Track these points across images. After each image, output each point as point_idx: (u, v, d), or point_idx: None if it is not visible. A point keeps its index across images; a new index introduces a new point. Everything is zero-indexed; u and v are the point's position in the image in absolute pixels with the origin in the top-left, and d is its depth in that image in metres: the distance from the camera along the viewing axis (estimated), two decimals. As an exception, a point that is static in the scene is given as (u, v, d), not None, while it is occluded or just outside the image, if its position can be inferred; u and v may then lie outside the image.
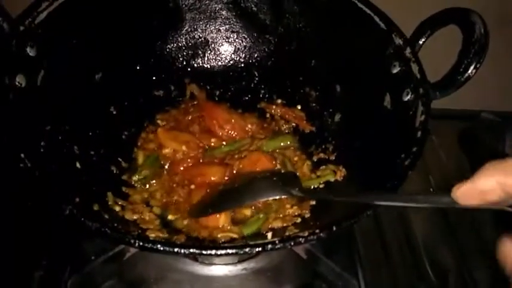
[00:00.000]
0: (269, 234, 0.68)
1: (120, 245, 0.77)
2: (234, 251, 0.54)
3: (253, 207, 0.81)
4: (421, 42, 0.80)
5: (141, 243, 0.54)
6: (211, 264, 0.82)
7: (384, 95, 0.81)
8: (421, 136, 0.69)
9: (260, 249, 0.55)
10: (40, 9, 0.74)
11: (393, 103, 0.79)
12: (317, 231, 0.57)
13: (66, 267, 0.78)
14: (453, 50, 0.81)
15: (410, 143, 0.69)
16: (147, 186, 0.83)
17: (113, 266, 0.77)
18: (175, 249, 0.53)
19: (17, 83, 0.69)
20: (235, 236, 0.75)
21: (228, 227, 0.77)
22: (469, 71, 0.73)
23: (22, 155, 0.59)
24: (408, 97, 0.76)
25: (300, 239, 0.56)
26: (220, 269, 0.82)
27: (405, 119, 0.74)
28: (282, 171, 0.86)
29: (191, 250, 0.53)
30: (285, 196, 0.74)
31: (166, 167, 0.86)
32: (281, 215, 0.81)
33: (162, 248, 0.53)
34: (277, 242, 0.56)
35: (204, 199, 0.79)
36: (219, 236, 0.75)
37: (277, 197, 0.75)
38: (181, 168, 0.84)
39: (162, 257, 0.82)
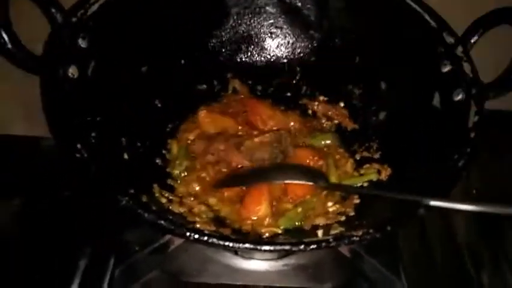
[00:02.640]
0: (319, 232, 0.68)
1: (165, 237, 0.77)
2: (289, 247, 0.54)
3: (292, 201, 0.81)
4: (472, 41, 0.79)
5: (196, 236, 0.54)
6: (251, 258, 0.82)
7: (433, 94, 0.79)
8: (474, 137, 0.68)
9: (315, 246, 0.54)
10: (92, 1, 0.75)
11: (443, 102, 0.77)
12: (371, 230, 0.56)
13: (111, 257, 0.79)
14: (504, 50, 0.79)
15: (463, 143, 0.68)
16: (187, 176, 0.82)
17: (157, 257, 0.78)
18: (231, 244, 0.53)
19: (70, 74, 0.70)
20: (278, 231, 0.75)
21: (270, 221, 0.77)
22: (525, 72, 0.71)
23: (79, 146, 0.60)
24: (460, 97, 0.74)
25: (355, 238, 0.56)
26: (261, 264, 0.82)
27: (457, 119, 0.73)
28: (323, 168, 0.85)
29: (247, 245, 0.53)
30: (311, 183, 0.76)
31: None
32: (323, 212, 0.80)
33: (217, 242, 0.53)
34: (331, 239, 0.55)
35: (229, 175, 0.81)
36: (262, 230, 0.75)
37: (303, 182, 0.77)
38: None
39: (203, 249, 0.83)
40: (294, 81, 0.98)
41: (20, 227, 0.88)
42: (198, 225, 0.69)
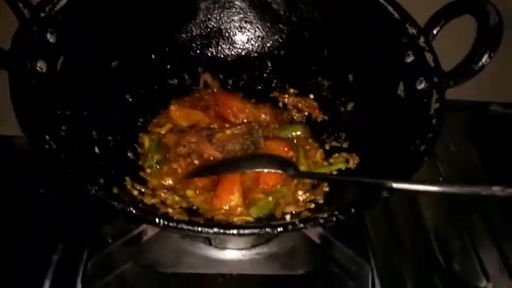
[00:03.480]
0: (287, 217, 0.69)
1: (137, 228, 0.78)
2: (257, 230, 0.55)
3: (263, 191, 0.82)
4: (435, 32, 0.81)
5: (165, 223, 0.55)
6: (225, 248, 0.83)
7: (398, 83, 0.82)
8: (436, 123, 0.70)
9: (281, 229, 0.56)
10: (60, -5, 0.75)
11: (407, 91, 0.80)
12: (336, 212, 0.58)
13: (84, 251, 0.79)
14: (465, 39, 0.82)
15: (425, 129, 0.70)
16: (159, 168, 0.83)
17: (130, 249, 0.78)
18: (200, 229, 0.54)
19: (38, 68, 0.70)
20: (250, 219, 0.77)
21: (242, 210, 0.78)
22: (483, 61, 0.74)
23: (47, 137, 0.60)
24: (422, 85, 0.77)
25: (320, 220, 0.57)
26: (234, 254, 0.84)
27: (419, 106, 0.75)
28: (294, 159, 0.86)
29: (216, 230, 0.54)
30: (280, 171, 0.78)
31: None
32: (294, 201, 0.81)
33: (187, 228, 0.54)
34: (297, 222, 0.57)
35: (201, 166, 0.82)
36: (234, 219, 0.76)
37: (273, 171, 0.79)
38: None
39: (177, 241, 0.84)
40: (265, 75, 0.99)
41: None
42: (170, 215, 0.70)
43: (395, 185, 0.59)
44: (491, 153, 1.04)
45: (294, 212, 0.78)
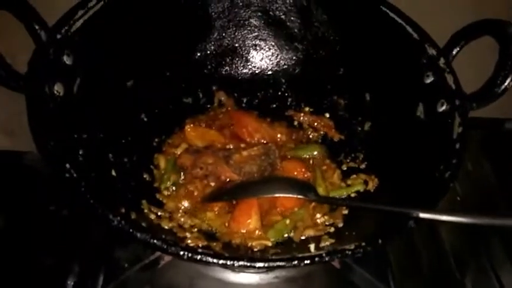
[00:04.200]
0: (311, 246, 0.68)
1: (154, 253, 0.76)
2: (283, 263, 0.54)
3: (280, 213, 0.81)
4: (454, 53, 0.80)
5: (190, 255, 0.54)
6: (242, 271, 0.82)
7: (417, 105, 0.81)
8: (459, 148, 0.69)
9: (308, 262, 0.55)
10: (76, 17, 0.74)
11: (427, 113, 0.79)
12: (363, 244, 0.57)
13: (100, 275, 0.78)
14: (485, 61, 0.81)
15: (448, 154, 0.69)
16: (175, 190, 0.82)
17: (147, 274, 0.77)
18: (226, 262, 0.53)
19: (55, 92, 0.69)
20: (268, 243, 0.75)
21: (260, 234, 0.77)
22: (506, 83, 0.74)
23: (67, 165, 0.59)
24: (443, 108, 0.76)
25: (347, 252, 0.56)
26: (251, 277, 0.82)
27: (441, 130, 0.74)
28: (311, 180, 0.85)
29: (242, 263, 0.53)
30: (301, 197, 0.76)
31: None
32: (312, 224, 0.80)
33: (212, 261, 0.53)
34: (324, 255, 0.56)
35: (219, 188, 0.81)
36: (253, 243, 0.75)
37: (293, 196, 0.77)
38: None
39: (193, 264, 0.82)
40: (279, 93, 0.98)
41: (4, 244, 0.86)
42: (189, 241, 0.69)
43: (422, 215, 0.58)
44: (508, 171, 1.03)
45: (312, 235, 0.76)
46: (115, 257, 0.79)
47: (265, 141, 0.91)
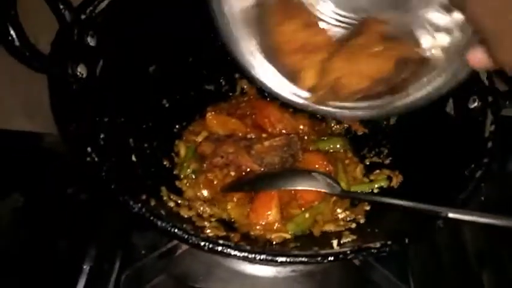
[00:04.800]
0: (334, 242, 0.66)
1: (172, 240, 0.75)
2: (306, 259, 0.52)
3: (300, 206, 0.80)
4: (489, 48, 0.77)
5: (211, 246, 0.53)
6: (259, 264, 0.81)
7: (447, 100, 0.78)
8: (491, 147, 0.66)
9: (332, 258, 0.53)
10: (101, -3, 0.72)
11: (457, 110, 0.76)
12: (389, 242, 0.55)
13: (116, 260, 0.77)
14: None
15: (480, 153, 0.66)
16: (195, 178, 0.81)
17: (164, 261, 0.76)
18: (248, 255, 0.51)
19: (78, 74, 0.68)
20: (287, 236, 0.74)
21: (279, 226, 0.76)
22: (543, 81, 0.70)
23: (89, 149, 0.58)
24: (475, 104, 0.73)
25: (373, 250, 0.54)
26: (268, 270, 0.81)
27: (472, 127, 0.72)
28: (332, 173, 0.83)
29: (264, 256, 0.51)
30: (324, 191, 0.74)
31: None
32: (333, 219, 0.79)
33: (234, 253, 0.51)
34: (348, 252, 0.54)
35: (240, 179, 0.79)
36: (272, 236, 0.73)
37: (316, 189, 0.75)
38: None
39: (210, 254, 0.81)
40: (303, 83, 0.95)
41: (22, 226, 0.86)
42: (208, 231, 0.68)
43: (452, 215, 0.56)
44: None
45: (332, 231, 0.75)
46: (132, 243, 0.78)
47: (287, 132, 0.88)
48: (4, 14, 0.61)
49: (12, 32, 0.61)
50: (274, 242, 0.73)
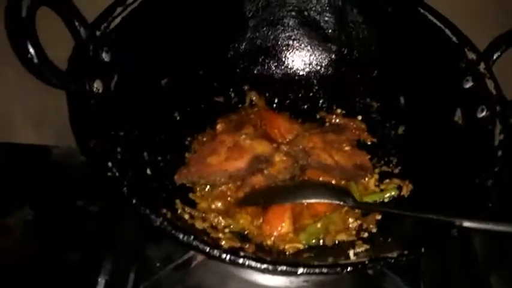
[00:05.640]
0: (351, 253, 0.67)
1: (188, 252, 0.76)
2: (325, 270, 0.53)
3: (312, 216, 0.80)
4: (495, 57, 0.79)
5: (232, 258, 0.53)
6: (273, 274, 0.81)
7: (455, 109, 0.80)
8: (502, 155, 0.68)
9: (351, 268, 0.54)
10: (114, 14, 0.74)
11: (466, 119, 0.78)
12: (406, 252, 0.56)
13: (131, 273, 0.78)
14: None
15: (490, 162, 0.68)
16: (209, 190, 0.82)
17: (179, 273, 0.77)
18: (267, 266, 0.52)
19: (95, 89, 0.69)
20: (301, 246, 0.75)
21: (292, 236, 0.77)
22: (550, 90, 0.71)
23: (109, 164, 0.59)
24: (483, 114, 0.75)
25: (389, 260, 0.55)
26: (281, 280, 0.81)
27: (481, 136, 0.73)
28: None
29: (283, 268, 0.52)
30: (338, 202, 0.75)
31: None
32: (344, 228, 0.79)
33: (254, 265, 0.52)
34: (367, 262, 0.55)
35: (255, 192, 0.80)
36: (286, 246, 0.74)
37: (331, 202, 0.76)
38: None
39: (224, 265, 0.81)
40: (311, 94, 0.98)
41: (33, 239, 0.86)
42: (223, 242, 0.68)
43: (466, 224, 0.57)
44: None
45: (345, 240, 0.76)
46: (147, 256, 0.79)
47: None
48: (23, 33, 0.62)
49: (31, 50, 0.62)
50: (287, 253, 0.74)
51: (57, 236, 0.86)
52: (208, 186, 0.81)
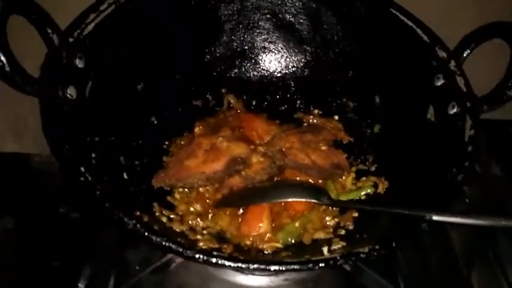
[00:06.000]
0: (324, 249, 0.68)
1: (166, 255, 0.77)
2: (298, 266, 0.54)
3: (290, 216, 0.81)
4: (465, 55, 0.80)
5: (205, 258, 0.54)
6: (252, 274, 0.82)
7: (427, 107, 0.81)
8: (472, 151, 0.69)
9: (323, 264, 0.55)
10: (88, 20, 0.74)
11: (438, 116, 0.79)
12: (377, 247, 0.57)
13: (110, 277, 0.78)
14: (495, 63, 0.81)
15: (461, 157, 0.69)
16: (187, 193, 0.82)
17: (158, 276, 0.77)
18: (242, 265, 0.53)
19: (68, 95, 0.69)
20: (279, 245, 0.76)
21: (270, 236, 0.77)
22: (518, 86, 0.73)
23: (82, 169, 0.59)
24: (454, 110, 0.76)
25: (362, 255, 0.56)
26: (261, 280, 0.82)
27: (452, 132, 0.74)
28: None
29: (256, 266, 0.53)
30: (314, 201, 0.76)
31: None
32: (322, 226, 0.80)
33: (228, 264, 0.53)
34: (338, 258, 0.56)
35: (233, 193, 0.80)
36: (264, 246, 0.75)
37: (306, 200, 0.77)
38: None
39: (204, 266, 0.82)
40: (288, 95, 0.99)
41: (14, 247, 0.86)
42: (201, 244, 0.69)
43: (436, 218, 0.58)
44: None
45: (322, 238, 0.77)
46: (126, 260, 0.79)
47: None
48: (-6, 41, 0.62)
49: (2, 58, 0.63)
50: (266, 252, 0.74)
51: (38, 244, 0.86)
52: (186, 189, 0.81)
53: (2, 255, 0.85)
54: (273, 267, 0.54)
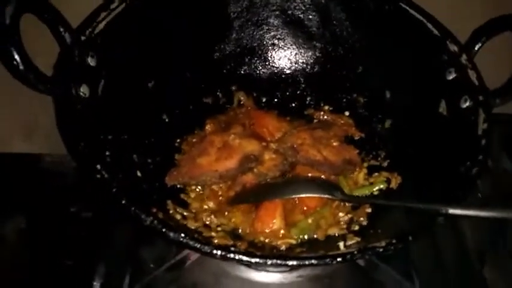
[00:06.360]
0: (341, 244, 0.68)
1: (181, 252, 0.77)
2: (315, 261, 0.54)
3: (303, 212, 0.81)
4: (476, 49, 0.80)
5: (223, 253, 0.54)
6: (266, 270, 0.82)
7: (439, 101, 0.81)
8: (485, 144, 0.69)
9: (341, 259, 0.55)
10: (99, 19, 0.74)
11: (450, 110, 0.79)
12: (394, 241, 0.57)
13: (125, 275, 0.78)
14: (506, 56, 0.81)
15: (474, 151, 0.69)
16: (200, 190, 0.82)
17: (173, 273, 0.78)
18: (259, 260, 0.53)
19: (81, 94, 0.70)
20: (293, 242, 0.76)
21: (284, 233, 0.77)
22: (530, 79, 0.73)
23: (98, 167, 0.60)
24: (467, 104, 0.76)
25: (378, 249, 0.56)
26: (275, 276, 0.82)
27: (465, 126, 0.74)
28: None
29: (274, 261, 0.53)
30: (327, 196, 0.76)
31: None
32: (335, 222, 0.80)
33: (246, 259, 0.53)
34: (356, 252, 0.56)
35: (246, 190, 0.81)
36: (278, 242, 0.75)
37: (320, 196, 0.77)
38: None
39: (218, 263, 0.83)
40: (299, 92, 0.98)
41: (27, 247, 0.87)
42: (216, 240, 0.69)
43: (452, 211, 0.58)
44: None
45: (337, 235, 0.77)
46: (141, 258, 0.79)
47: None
48: (8, 39, 0.63)
49: (16, 57, 0.63)
50: (280, 248, 0.74)
51: (51, 243, 0.86)
52: (199, 187, 0.81)
53: (15, 255, 0.85)
54: (290, 262, 0.54)
